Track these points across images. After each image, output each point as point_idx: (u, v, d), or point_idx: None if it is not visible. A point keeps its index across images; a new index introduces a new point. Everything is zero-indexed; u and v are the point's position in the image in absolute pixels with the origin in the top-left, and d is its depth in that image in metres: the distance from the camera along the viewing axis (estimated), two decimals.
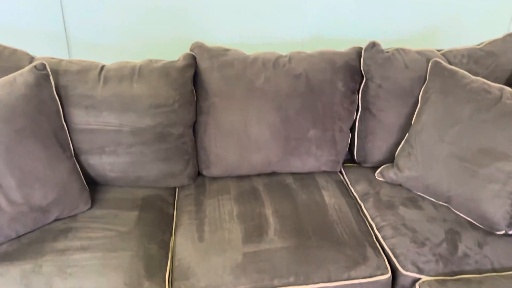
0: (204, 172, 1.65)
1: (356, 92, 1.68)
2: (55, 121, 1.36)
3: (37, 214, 1.30)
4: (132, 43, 2.00)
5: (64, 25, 1.92)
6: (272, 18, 2.02)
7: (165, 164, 1.54)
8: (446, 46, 1.77)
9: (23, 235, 1.30)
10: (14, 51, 1.47)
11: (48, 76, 1.36)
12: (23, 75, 1.32)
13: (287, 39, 2.07)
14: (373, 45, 1.63)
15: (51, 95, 1.36)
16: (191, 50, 1.62)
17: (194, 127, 1.63)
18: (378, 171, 1.67)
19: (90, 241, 1.28)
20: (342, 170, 1.77)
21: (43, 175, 1.30)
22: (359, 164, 1.78)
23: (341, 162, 1.72)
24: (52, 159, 1.32)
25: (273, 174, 1.68)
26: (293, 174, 1.68)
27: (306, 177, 1.67)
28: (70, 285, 1.15)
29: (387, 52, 1.65)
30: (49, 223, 1.35)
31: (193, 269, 1.25)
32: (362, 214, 1.52)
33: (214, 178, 1.65)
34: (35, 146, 1.28)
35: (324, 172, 1.72)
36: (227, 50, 1.63)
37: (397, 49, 1.67)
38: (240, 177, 1.65)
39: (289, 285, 1.23)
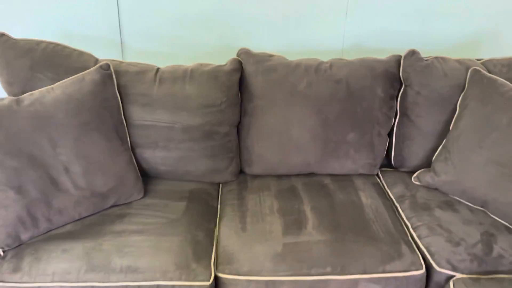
0: (246, 170, 1.75)
1: (395, 99, 1.74)
2: (116, 116, 1.50)
3: (98, 199, 1.44)
4: (181, 49, 2.13)
5: (120, 33, 2.09)
6: (314, 27, 2.11)
7: (211, 161, 1.65)
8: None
9: (85, 217, 1.44)
10: (81, 53, 1.63)
11: (111, 75, 1.51)
12: (90, 74, 1.47)
13: (327, 47, 2.15)
14: (412, 53, 1.69)
15: (114, 92, 1.51)
16: (238, 55, 1.74)
17: (238, 128, 1.73)
18: (414, 175, 1.71)
19: (143, 226, 1.40)
20: (379, 173, 1.82)
21: (105, 164, 1.43)
22: (395, 168, 1.83)
23: (378, 165, 1.78)
24: (112, 150, 1.46)
25: (311, 174, 1.76)
26: (331, 175, 1.75)
27: (343, 179, 1.73)
28: (127, 262, 1.27)
29: (426, 60, 1.70)
30: (107, 209, 1.48)
31: (237, 255, 1.34)
32: (398, 215, 1.57)
33: (255, 176, 1.74)
34: (99, 138, 1.43)
35: (361, 174, 1.77)
36: (271, 56, 1.73)
37: (436, 58, 1.71)
38: (280, 176, 1.73)
39: (326, 274, 1.30)
